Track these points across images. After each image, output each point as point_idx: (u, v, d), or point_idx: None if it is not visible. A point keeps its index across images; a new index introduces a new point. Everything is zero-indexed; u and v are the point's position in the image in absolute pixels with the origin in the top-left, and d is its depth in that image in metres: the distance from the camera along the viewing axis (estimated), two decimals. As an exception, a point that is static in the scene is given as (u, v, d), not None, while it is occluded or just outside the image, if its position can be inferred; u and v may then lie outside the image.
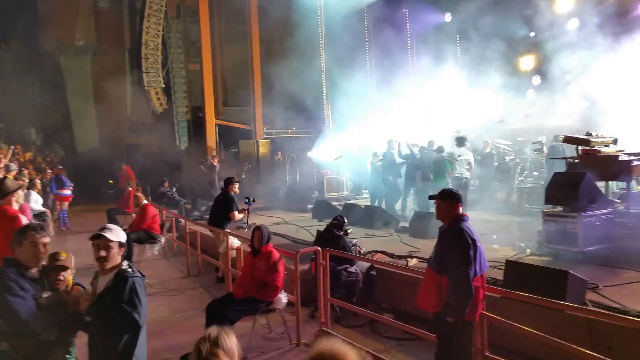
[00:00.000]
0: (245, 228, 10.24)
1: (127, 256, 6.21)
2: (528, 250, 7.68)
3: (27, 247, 3.25)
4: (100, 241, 3.18)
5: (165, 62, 22.36)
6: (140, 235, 9.46)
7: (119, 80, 25.27)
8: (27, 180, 11.14)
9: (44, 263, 3.33)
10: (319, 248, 5.68)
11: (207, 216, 13.69)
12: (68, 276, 3.38)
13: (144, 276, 3.32)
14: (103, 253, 3.16)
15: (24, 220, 4.99)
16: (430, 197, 4.20)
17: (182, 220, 11.82)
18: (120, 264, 3.23)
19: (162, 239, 9.99)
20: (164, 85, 22.15)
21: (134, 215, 10.55)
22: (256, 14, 20.88)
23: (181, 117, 22.77)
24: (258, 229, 5.54)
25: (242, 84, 21.40)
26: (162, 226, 10.14)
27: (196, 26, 20.79)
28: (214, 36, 22.32)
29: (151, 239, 9.58)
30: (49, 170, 16.05)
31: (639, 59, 12.05)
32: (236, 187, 8.60)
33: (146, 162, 21.13)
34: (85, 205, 18.05)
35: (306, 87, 20.35)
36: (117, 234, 3.25)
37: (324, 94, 21.42)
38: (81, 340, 3.39)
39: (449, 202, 3.91)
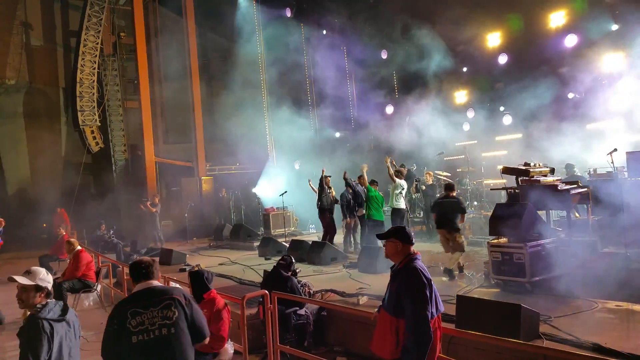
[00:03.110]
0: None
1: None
2: (476, 282, 7.69)
3: None
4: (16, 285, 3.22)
5: (101, 100, 21.62)
6: (74, 283, 8.80)
7: (53, 119, 24.24)
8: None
9: None
10: (267, 291, 5.38)
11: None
12: None
13: (61, 317, 3.25)
14: (19, 297, 3.25)
15: None
16: (379, 237, 4.04)
17: (120, 266, 11.13)
18: (35, 305, 3.25)
19: (98, 287, 9.32)
20: (99, 124, 21.35)
21: (68, 261, 9.83)
22: (196, 50, 20.70)
23: (119, 156, 21.94)
24: (195, 274, 5.07)
25: (183, 120, 20.98)
26: (97, 273, 9.47)
27: (133, 63, 20.33)
28: (152, 72, 21.88)
29: (86, 288, 8.91)
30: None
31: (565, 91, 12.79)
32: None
33: (83, 204, 20.12)
34: (18, 252, 16.83)
35: (249, 123, 20.20)
36: (34, 277, 3.24)
37: (267, 129, 21.31)
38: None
39: (399, 241, 3.77)
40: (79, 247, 9.33)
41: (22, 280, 3.16)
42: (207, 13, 21.25)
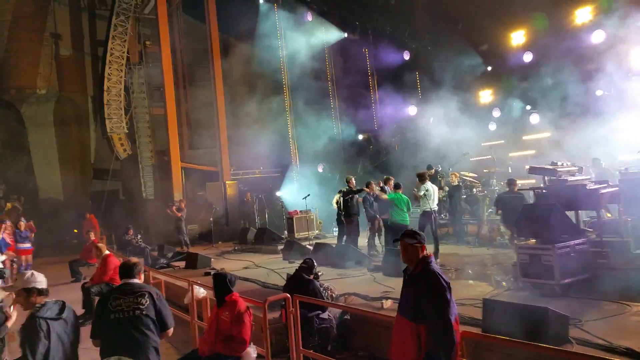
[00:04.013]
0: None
1: (88, 310, 6.05)
2: (504, 284, 7.52)
3: None
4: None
5: (128, 108, 22.05)
6: (102, 287, 8.93)
7: (82, 127, 24.88)
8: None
9: None
10: (288, 295, 5.36)
11: (175, 263, 13.30)
12: None
13: (58, 315, 3.70)
14: (17, 302, 3.85)
15: None
16: (395, 240, 3.98)
17: (147, 270, 11.27)
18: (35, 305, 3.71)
19: (125, 292, 9.43)
20: (127, 131, 21.76)
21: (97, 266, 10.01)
22: (219, 56, 20.91)
23: (146, 162, 22.32)
24: (218, 276, 5.10)
25: (208, 125, 21.21)
26: (124, 277, 9.60)
27: (159, 70, 20.69)
28: (178, 79, 22.20)
29: None
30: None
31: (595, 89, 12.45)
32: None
33: (111, 209, 20.53)
34: (48, 257, 17.25)
35: (272, 126, 20.31)
36: (20, 283, 3.79)
37: (290, 133, 21.38)
38: None
39: (415, 244, 3.71)
40: (106, 252, 9.49)
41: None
42: (230, 19, 21.46)
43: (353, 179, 12.36)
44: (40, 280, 3.89)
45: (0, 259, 10.47)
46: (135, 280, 4.18)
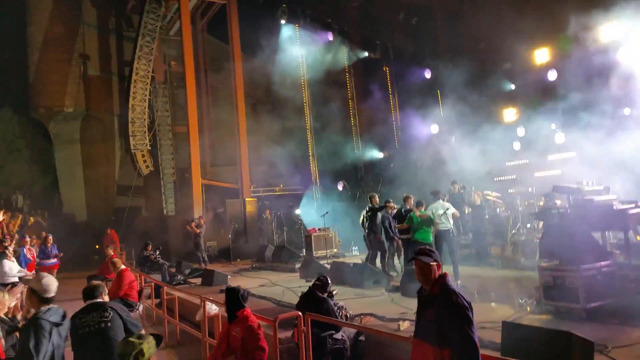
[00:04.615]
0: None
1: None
2: (528, 308, 7.22)
3: None
4: None
5: (152, 126, 22.42)
6: (117, 303, 8.89)
7: (108, 145, 25.36)
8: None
9: None
10: (300, 313, 5.21)
11: (192, 280, 13.25)
12: None
13: (60, 322, 3.83)
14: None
15: None
16: (411, 260, 3.80)
17: (163, 286, 11.23)
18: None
19: (140, 307, 9.40)
20: (150, 148, 22.09)
21: (113, 281, 10.00)
22: (241, 76, 21.14)
23: (168, 179, 22.58)
24: (230, 290, 4.99)
25: (229, 143, 21.38)
26: (140, 293, 9.58)
27: (183, 90, 21.01)
28: (201, 98, 22.49)
29: (128, 307, 8.96)
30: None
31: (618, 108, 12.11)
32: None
33: (132, 225, 20.71)
34: (69, 272, 17.41)
35: (292, 145, 20.35)
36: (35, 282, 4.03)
37: (310, 151, 21.38)
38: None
39: (431, 262, 3.53)
40: (122, 267, 9.47)
41: None
42: (252, 39, 21.77)
43: (377, 196, 12.19)
44: (49, 289, 4.07)
45: (16, 273, 10.55)
46: (99, 300, 4.47)
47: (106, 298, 4.63)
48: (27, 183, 22.75)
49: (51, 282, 4.14)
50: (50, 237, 14.21)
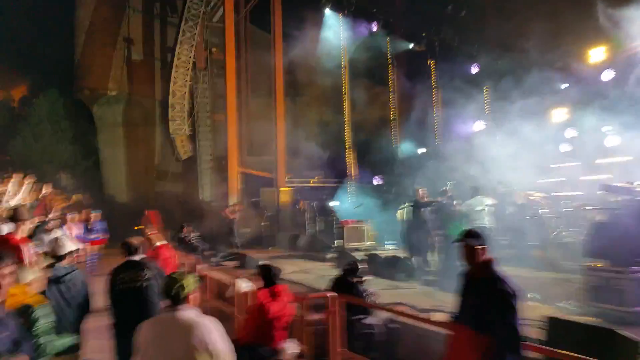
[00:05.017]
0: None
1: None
2: (570, 309, 6.86)
3: None
4: None
5: (191, 111, 22.67)
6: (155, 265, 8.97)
7: (148, 129, 25.80)
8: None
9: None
10: (330, 294, 5.10)
11: (226, 263, 13.35)
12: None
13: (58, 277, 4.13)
14: None
15: (25, 251, 5.05)
16: (456, 241, 3.62)
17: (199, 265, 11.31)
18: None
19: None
20: (189, 133, 22.36)
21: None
22: (281, 66, 21.15)
23: (205, 165, 22.83)
24: (264, 267, 5.11)
25: (267, 133, 21.43)
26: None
27: (223, 78, 21.12)
28: (241, 87, 22.59)
29: None
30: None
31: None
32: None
33: (170, 209, 21.01)
34: (113, 253, 17.76)
35: (330, 137, 20.20)
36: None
37: (348, 143, 21.20)
38: None
39: (477, 245, 3.33)
40: (159, 243, 9.52)
41: None
42: (295, 29, 21.71)
43: (422, 190, 11.89)
44: (57, 250, 4.40)
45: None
46: (136, 258, 4.72)
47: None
48: (70, 163, 23.38)
49: (61, 243, 4.46)
50: (94, 214, 14.57)
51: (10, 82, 26.03)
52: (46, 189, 12.00)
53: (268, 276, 5.01)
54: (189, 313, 3.09)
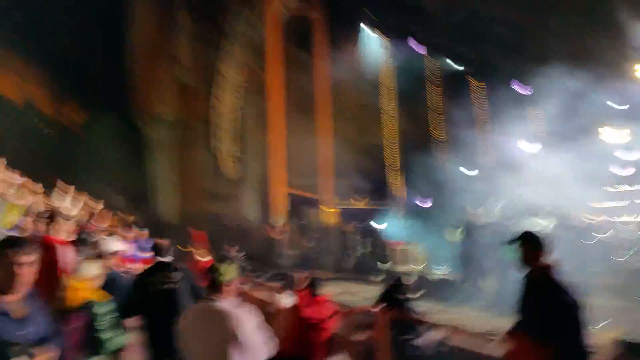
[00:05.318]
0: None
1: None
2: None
3: (2, 269, 2.50)
4: None
5: (240, 132, 23.11)
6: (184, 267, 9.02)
7: (199, 150, 26.32)
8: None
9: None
10: (376, 308, 4.86)
11: (270, 284, 13.21)
12: None
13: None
14: None
15: (63, 253, 4.92)
16: (510, 242, 3.37)
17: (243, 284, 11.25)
18: None
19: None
20: (237, 154, 22.77)
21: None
22: (326, 88, 21.22)
23: (251, 185, 23.10)
24: (307, 276, 5.21)
25: (313, 153, 21.44)
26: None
27: (269, 99, 21.37)
28: (286, 107, 22.78)
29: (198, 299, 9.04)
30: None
31: None
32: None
33: (216, 229, 21.21)
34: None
35: (375, 158, 20.01)
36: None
37: (394, 165, 20.91)
38: None
39: (534, 246, 3.07)
40: (200, 259, 9.61)
41: None
42: (338, 48, 21.84)
43: (474, 211, 11.50)
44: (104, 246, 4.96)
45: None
46: (166, 259, 4.75)
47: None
48: (124, 184, 24.10)
49: (105, 243, 5.05)
50: (142, 232, 14.87)
51: (71, 109, 27.38)
52: (97, 206, 12.35)
53: (312, 284, 5.15)
54: (224, 303, 3.10)
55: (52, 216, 5.44)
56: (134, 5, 25.73)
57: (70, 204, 8.81)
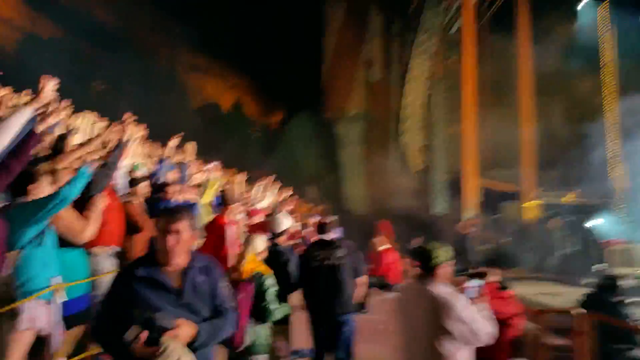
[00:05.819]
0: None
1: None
2: None
3: (158, 239, 2.45)
4: None
5: (426, 123, 22.43)
6: (373, 281, 8.73)
7: (385, 144, 26.46)
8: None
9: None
10: (576, 311, 3.81)
11: (457, 278, 12.28)
12: None
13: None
14: None
15: (229, 232, 5.14)
16: None
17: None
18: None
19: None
20: (422, 144, 22.11)
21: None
22: (529, 73, 19.13)
23: (439, 178, 22.16)
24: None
25: (510, 144, 19.58)
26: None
27: (460, 88, 20.14)
28: (480, 95, 21.22)
29: (383, 286, 8.82)
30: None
31: None
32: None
33: (401, 221, 20.82)
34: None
35: (588, 146, 17.39)
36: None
37: (613, 153, 17.87)
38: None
39: None
40: (381, 248, 9.35)
41: None
42: (542, 29, 19.65)
43: None
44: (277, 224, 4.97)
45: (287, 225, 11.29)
46: (329, 236, 4.90)
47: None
48: (316, 177, 25.54)
49: (278, 221, 5.01)
50: (330, 218, 15.27)
51: (270, 110, 30.10)
52: (286, 193, 12.88)
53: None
54: (435, 287, 3.07)
55: (223, 199, 5.72)
56: (328, 12, 27.12)
57: (262, 192, 9.19)
